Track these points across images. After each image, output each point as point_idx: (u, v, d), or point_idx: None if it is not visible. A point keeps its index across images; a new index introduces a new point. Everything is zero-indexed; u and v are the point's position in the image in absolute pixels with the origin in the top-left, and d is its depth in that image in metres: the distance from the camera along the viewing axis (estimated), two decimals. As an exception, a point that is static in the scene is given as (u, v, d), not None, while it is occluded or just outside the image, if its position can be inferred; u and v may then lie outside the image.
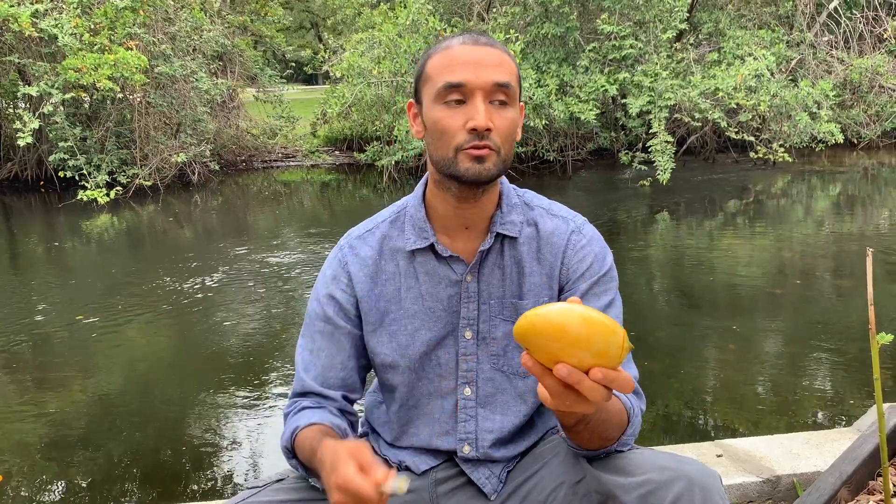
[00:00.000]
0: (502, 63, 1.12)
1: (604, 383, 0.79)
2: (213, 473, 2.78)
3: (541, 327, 0.79)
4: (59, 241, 7.80)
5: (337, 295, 1.25)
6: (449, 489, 1.25)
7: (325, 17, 24.74)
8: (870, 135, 11.98)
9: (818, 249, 6.06)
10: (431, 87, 1.14)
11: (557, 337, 0.79)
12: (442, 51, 1.14)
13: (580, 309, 0.79)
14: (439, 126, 1.12)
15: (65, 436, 3.10)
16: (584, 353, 0.79)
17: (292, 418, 1.24)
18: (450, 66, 1.11)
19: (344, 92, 10.57)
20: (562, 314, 0.79)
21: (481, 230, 1.22)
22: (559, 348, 0.79)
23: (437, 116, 1.12)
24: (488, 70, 1.11)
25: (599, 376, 0.79)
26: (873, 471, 1.84)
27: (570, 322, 0.78)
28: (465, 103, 1.11)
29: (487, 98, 1.11)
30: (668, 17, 10.00)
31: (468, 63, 1.11)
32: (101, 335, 4.42)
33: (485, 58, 1.11)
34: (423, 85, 1.16)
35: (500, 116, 1.12)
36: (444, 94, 1.11)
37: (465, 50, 1.12)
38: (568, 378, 0.79)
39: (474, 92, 1.10)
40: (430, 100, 1.14)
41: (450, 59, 1.12)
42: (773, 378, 3.44)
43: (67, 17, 9.10)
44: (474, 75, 1.10)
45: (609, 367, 0.79)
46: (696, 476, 1.02)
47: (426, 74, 1.15)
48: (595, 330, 0.78)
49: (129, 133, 10.65)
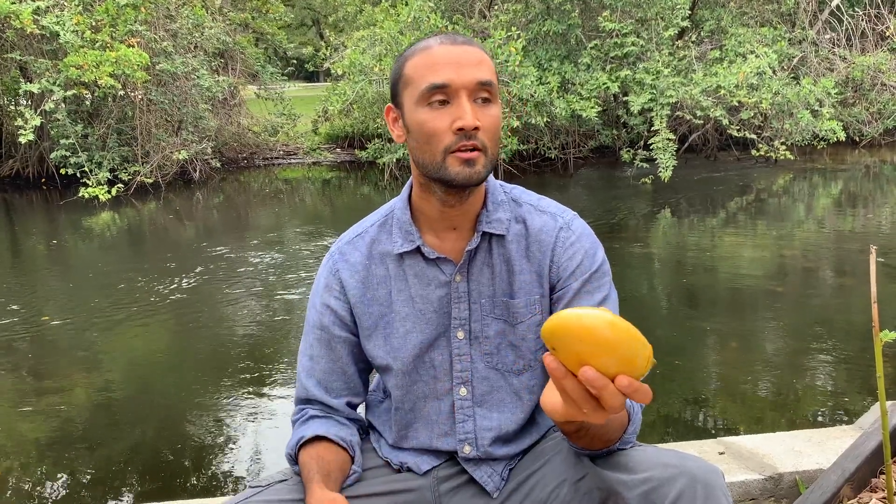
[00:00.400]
0: (483, 61, 1.12)
1: (627, 392, 0.77)
2: (214, 471, 2.78)
3: (570, 327, 0.78)
4: (61, 239, 7.81)
5: (331, 303, 1.26)
6: (451, 487, 1.25)
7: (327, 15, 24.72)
8: (872, 132, 11.96)
9: (820, 247, 6.06)
10: (413, 89, 1.12)
11: (586, 339, 0.77)
12: (421, 52, 1.13)
13: (609, 315, 0.77)
14: (426, 129, 1.11)
15: (66, 432, 3.10)
16: (611, 359, 0.77)
17: (299, 427, 1.26)
18: (432, 67, 1.10)
19: (345, 89, 10.56)
20: (592, 317, 0.77)
21: (468, 230, 1.21)
22: (586, 351, 0.77)
23: (421, 119, 1.11)
24: (471, 69, 1.10)
25: (625, 383, 0.77)
26: (876, 468, 1.84)
27: (599, 325, 0.76)
28: (450, 104, 1.10)
29: (471, 97, 1.10)
30: (670, 14, 9.98)
31: (450, 63, 1.09)
32: (99, 332, 4.42)
33: (466, 57, 1.10)
34: (403, 88, 1.15)
35: (486, 114, 1.11)
36: (428, 95, 1.10)
37: (445, 50, 1.11)
38: (594, 382, 0.77)
39: (458, 92, 1.09)
40: (413, 102, 1.12)
41: (431, 59, 1.11)
42: (776, 375, 3.44)
43: (69, 14, 9.10)
44: (457, 75, 1.09)
45: (633, 376, 0.78)
46: (699, 473, 1.02)
47: (406, 77, 1.13)
48: (623, 336, 0.76)
49: (131, 130, 10.65)
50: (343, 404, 1.28)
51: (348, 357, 1.27)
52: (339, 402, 1.27)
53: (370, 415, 1.37)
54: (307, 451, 1.19)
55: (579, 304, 1.17)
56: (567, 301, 1.18)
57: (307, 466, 1.16)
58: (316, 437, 1.21)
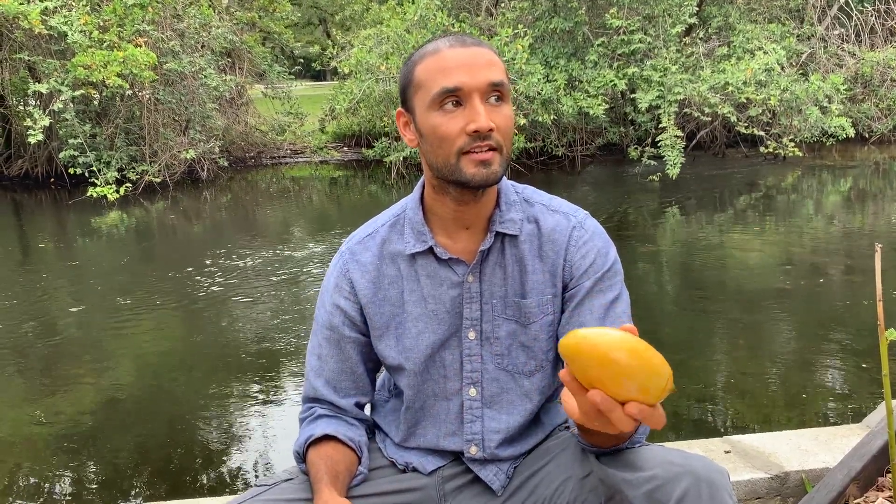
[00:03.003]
0: (493, 62, 1.11)
1: (637, 418, 0.79)
2: (222, 470, 2.80)
3: (585, 350, 0.78)
4: (69, 238, 7.85)
5: (341, 304, 1.26)
6: (456, 486, 1.25)
7: (333, 13, 24.73)
8: (881, 129, 11.88)
9: (828, 245, 6.03)
10: (425, 93, 1.11)
11: (600, 364, 0.77)
12: (430, 55, 1.12)
13: (631, 340, 0.77)
14: (439, 132, 1.10)
15: (74, 431, 3.12)
16: (624, 385, 0.78)
17: (308, 426, 1.26)
18: (443, 71, 1.09)
19: (352, 88, 10.58)
20: (610, 342, 0.77)
21: (481, 230, 1.21)
22: (600, 375, 0.78)
23: (434, 123, 1.11)
24: (482, 70, 1.09)
25: (634, 412, 0.78)
26: (882, 467, 1.84)
27: (615, 350, 0.77)
28: (462, 106, 1.10)
29: (484, 98, 1.09)
30: (678, 11, 9.95)
31: (461, 66, 1.09)
32: (109, 331, 4.45)
33: (477, 59, 1.10)
34: (414, 93, 1.14)
35: (499, 114, 1.11)
36: (440, 99, 1.09)
37: (455, 52, 1.10)
38: (600, 405, 0.79)
39: (471, 94, 1.09)
40: (425, 107, 1.12)
41: (442, 63, 1.10)
42: (782, 374, 3.43)
43: (77, 14, 9.14)
44: (469, 77, 1.08)
45: (647, 402, 0.78)
46: (704, 472, 1.01)
47: (417, 81, 1.13)
48: (640, 364, 0.77)
49: (139, 130, 10.70)
50: (351, 404, 1.28)
51: (357, 357, 1.27)
52: (348, 401, 1.27)
53: (375, 415, 1.37)
54: (316, 451, 1.19)
55: (591, 303, 1.17)
56: (579, 300, 1.18)
57: (316, 466, 1.17)
58: (325, 436, 1.21)
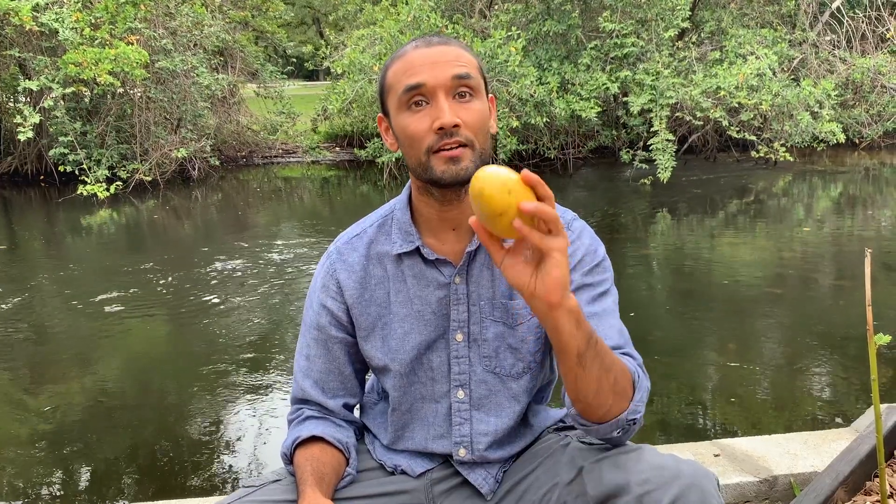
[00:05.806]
0: (459, 57, 1.12)
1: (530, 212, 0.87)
2: (210, 470, 2.78)
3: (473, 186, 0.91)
4: (58, 236, 7.80)
5: (328, 304, 1.26)
6: (445, 489, 1.25)
7: (327, 13, 24.71)
8: (871, 135, 11.95)
9: (819, 249, 6.06)
10: (394, 95, 1.14)
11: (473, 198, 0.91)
12: (398, 59, 1.14)
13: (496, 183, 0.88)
14: (408, 132, 1.12)
15: (63, 431, 3.10)
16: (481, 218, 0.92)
17: (295, 427, 1.25)
18: (408, 71, 1.11)
19: (345, 88, 10.55)
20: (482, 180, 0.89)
21: (468, 231, 1.20)
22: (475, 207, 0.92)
23: (403, 123, 1.12)
24: (445, 66, 1.10)
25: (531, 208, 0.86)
26: (870, 471, 1.84)
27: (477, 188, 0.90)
28: (429, 104, 1.10)
29: (450, 94, 1.10)
30: (671, 15, 9.98)
31: (424, 64, 1.11)
32: (96, 331, 4.41)
33: (440, 56, 1.11)
34: (387, 97, 1.16)
35: (467, 109, 1.11)
36: (406, 98, 1.11)
37: (419, 52, 1.12)
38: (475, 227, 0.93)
39: (435, 91, 1.10)
40: (396, 108, 1.14)
41: (407, 64, 1.12)
42: (772, 378, 3.44)
43: (68, 11, 9.08)
44: (431, 74, 1.10)
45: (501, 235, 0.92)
46: (694, 478, 1.01)
47: (388, 85, 1.16)
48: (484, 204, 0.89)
49: (130, 128, 10.64)
50: (339, 405, 1.27)
51: (345, 358, 1.27)
52: (336, 402, 1.27)
53: (364, 417, 1.37)
54: (302, 452, 1.19)
55: (580, 298, 1.17)
56: None
57: (301, 467, 1.16)
58: (312, 437, 1.21)
